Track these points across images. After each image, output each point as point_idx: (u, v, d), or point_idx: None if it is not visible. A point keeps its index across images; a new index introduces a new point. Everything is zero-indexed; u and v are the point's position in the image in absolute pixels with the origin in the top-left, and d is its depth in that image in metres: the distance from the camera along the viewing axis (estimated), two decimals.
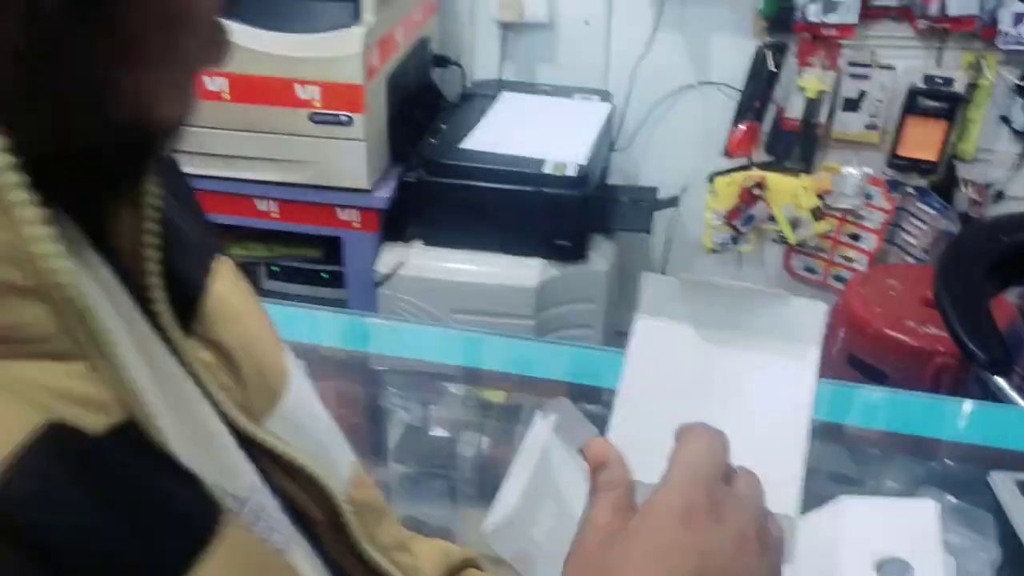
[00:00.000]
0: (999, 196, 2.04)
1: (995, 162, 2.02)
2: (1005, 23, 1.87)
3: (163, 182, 0.37)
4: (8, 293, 0.27)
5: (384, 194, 1.83)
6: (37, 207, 0.27)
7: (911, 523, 0.71)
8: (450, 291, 1.87)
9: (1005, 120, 1.98)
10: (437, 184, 1.83)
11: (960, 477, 0.88)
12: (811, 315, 0.74)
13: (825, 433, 0.84)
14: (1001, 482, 0.87)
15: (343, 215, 1.83)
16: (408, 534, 0.56)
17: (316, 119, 1.71)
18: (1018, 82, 1.93)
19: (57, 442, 0.27)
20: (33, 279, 0.28)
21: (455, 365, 1.03)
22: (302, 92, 1.67)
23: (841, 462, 0.91)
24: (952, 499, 0.83)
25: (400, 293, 1.89)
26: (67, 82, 0.29)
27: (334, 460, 0.46)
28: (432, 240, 1.89)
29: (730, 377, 0.74)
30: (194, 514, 0.31)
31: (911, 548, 0.69)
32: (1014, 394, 1.37)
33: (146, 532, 0.29)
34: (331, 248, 1.94)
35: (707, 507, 0.42)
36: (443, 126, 1.98)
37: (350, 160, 1.75)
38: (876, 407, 0.92)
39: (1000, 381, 1.39)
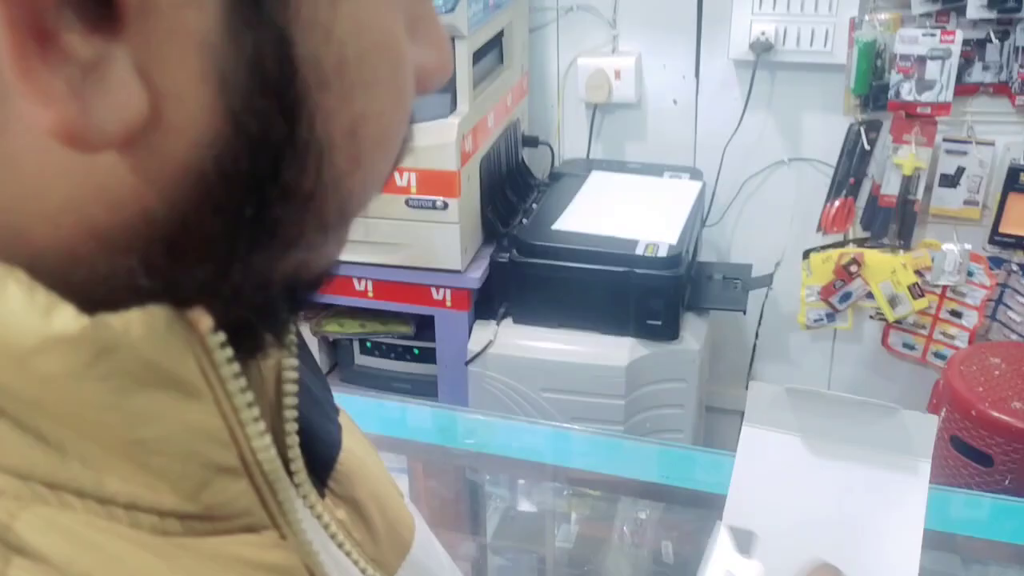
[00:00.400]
0: None
1: None
2: None
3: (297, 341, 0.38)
4: (221, 474, 0.29)
5: (476, 274, 1.85)
6: (245, 384, 0.29)
7: None
8: (540, 369, 1.87)
9: None
10: (528, 264, 1.85)
11: None
12: (922, 428, 0.73)
13: (935, 541, 0.81)
14: None
15: (437, 295, 1.86)
16: None
17: (412, 204, 1.75)
18: None
19: None
20: (243, 459, 0.29)
21: (545, 464, 1.04)
22: (399, 179, 1.72)
23: (952, 572, 0.88)
24: None
25: (490, 371, 1.90)
26: (235, 282, 0.30)
27: None
28: (522, 318, 1.91)
29: (839, 490, 0.73)
30: None
31: None
32: None
33: None
34: (423, 325, 1.97)
35: None
36: (534, 206, 2.00)
37: (444, 243, 1.79)
38: (986, 513, 0.89)
39: None
